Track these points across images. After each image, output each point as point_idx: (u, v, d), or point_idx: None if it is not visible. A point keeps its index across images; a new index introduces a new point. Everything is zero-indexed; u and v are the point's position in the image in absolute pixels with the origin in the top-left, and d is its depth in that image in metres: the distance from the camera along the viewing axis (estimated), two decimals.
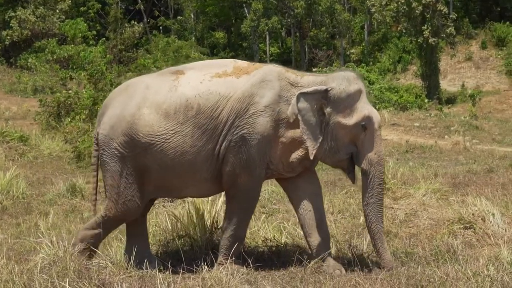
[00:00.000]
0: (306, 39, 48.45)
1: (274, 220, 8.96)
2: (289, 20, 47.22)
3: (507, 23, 49.63)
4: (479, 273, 6.20)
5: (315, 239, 7.13)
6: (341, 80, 6.90)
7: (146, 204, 7.31)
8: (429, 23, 41.92)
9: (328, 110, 6.82)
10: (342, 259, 7.29)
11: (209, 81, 6.85)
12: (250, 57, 48.24)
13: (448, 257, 6.73)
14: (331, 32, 48.73)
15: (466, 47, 48.49)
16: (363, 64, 44.14)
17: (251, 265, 6.82)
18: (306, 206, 7.22)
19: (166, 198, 9.49)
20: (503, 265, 6.40)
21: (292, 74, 7.09)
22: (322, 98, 6.79)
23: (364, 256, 7.35)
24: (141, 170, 6.81)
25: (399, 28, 46.65)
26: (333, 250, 7.49)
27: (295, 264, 6.93)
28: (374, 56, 48.44)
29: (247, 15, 47.26)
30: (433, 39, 41.61)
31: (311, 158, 6.80)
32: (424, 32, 41.60)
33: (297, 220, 7.54)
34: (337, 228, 8.65)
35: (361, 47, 50.31)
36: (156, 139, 6.71)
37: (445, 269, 6.51)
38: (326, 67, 40.57)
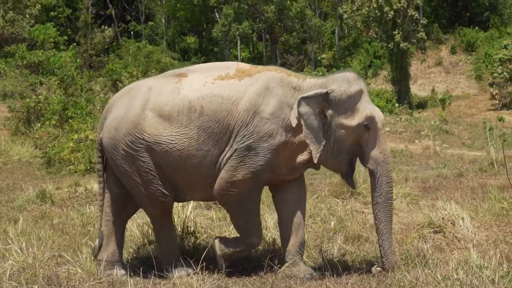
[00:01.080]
0: (277, 44, 48.53)
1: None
2: (260, 25, 47.24)
3: (476, 28, 50.09)
4: (449, 277, 6.25)
5: (289, 243, 7.15)
6: (342, 82, 6.90)
7: (128, 211, 7.35)
8: (400, 28, 42.17)
9: (329, 112, 6.82)
10: (312, 264, 7.30)
11: (211, 84, 6.84)
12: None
13: (418, 261, 6.75)
14: (302, 37, 48.85)
15: (436, 52, 48.87)
16: (334, 69, 44.16)
17: (223, 270, 6.82)
18: (288, 210, 7.24)
19: None
20: (472, 268, 6.43)
21: (294, 78, 7.09)
22: (323, 101, 6.78)
23: (334, 261, 7.35)
24: (154, 167, 6.80)
25: (370, 33, 46.84)
26: (304, 255, 7.49)
27: (266, 269, 6.92)
28: (345, 61, 48.61)
29: (218, 20, 47.25)
30: (404, 44, 41.86)
31: (315, 161, 6.82)
32: (395, 37, 41.84)
33: (277, 221, 7.53)
34: (308, 233, 8.64)
35: (332, 52, 50.46)
36: (162, 140, 6.70)
37: (415, 273, 6.56)
38: (297, 72, 40.59)
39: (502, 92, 39.92)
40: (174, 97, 6.79)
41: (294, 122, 6.69)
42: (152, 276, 6.72)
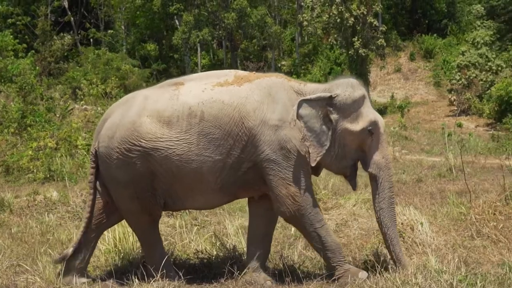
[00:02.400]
0: (237, 51, 48.54)
1: (206, 232, 8.96)
2: (220, 32, 47.21)
3: (435, 35, 50.70)
4: (408, 282, 6.29)
5: (254, 249, 7.16)
6: (346, 87, 6.94)
7: (110, 220, 7.24)
8: (360, 35, 42.46)
9: (334, 116, 6.84)
10: (273, 270, 7.31)
11: (211, 90, 6.81)
12: (181, 69, 48.19)
13: (377, 266, 6.78)
14: (262, 44, 48.92)
15: (395, 59, 49.30)
16: (294, 76, 44.35)
17: (182, 278, 6.81)
18: (260, 217, 7.27)
19: None
20: (430, 273, 6.48)
21: (295, 83, 7.14)
22: (327, 105, 6.82)
23: (295, 267, 7.37)
24: (149, 173, 6.72)
25: (329, 40, 47.05)
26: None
27: (227, 276, 6.91)
28: (305, 68, 48.78)
29: (178, 27, 47.13)
30: (363, 50, 42.16)
31: (313, 164, 6.80)
32: (354, 44, 42.11)
33: (247, 225, 7.51)
34: None
35: (292, 59, 50.62)
36: (160, 145, 6.64)
37: (375, 278, 6.59)
38: None
39: (460, 98, 40.44)
40: (173, 103, 6.74)
41: (292, 124, 6.68)
42: (111, 284, 6.70)
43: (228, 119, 6.65)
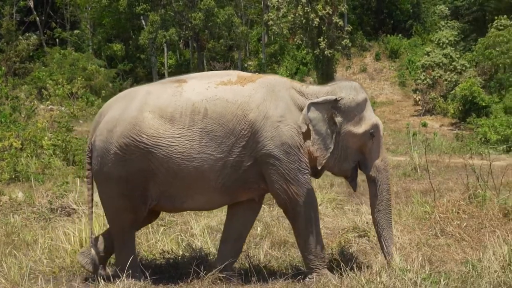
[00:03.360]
0: (204, 51, 48.45)
1: (172, 232, 8.96)
2: (187, 32, 47.09)
3: (400, 35, 50.98)
4: (372, 281, 6.35)
5: (227, 248, 7.21)
6: (349, 90, 7.00)
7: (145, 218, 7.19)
8: (325, 35, 42.60)
9: (339, 119, 6.89)
10: (239, 270, 7.33)
11: (215, 88, 6.79)
12: (148, 69, 48.04)
13: (343, 265, 6.82)
14: (228, 44, 48.87)
15: (361, 59, 49.48)
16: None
17: (148, 278, 6.80)
18: (238, 218, 7.30)
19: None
20: (395, 271, 6.54)
21: (297, 84, 7.19)
22: (332, 107, 6.85)
23: (260, 266, 7.40)
24: (145, 173, 6.65)
25: (295, 40, 47.13)
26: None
27: (193, 276, 6.91)
28: (272, 68, 48.78)
29: (145, 27, 46.93)
30: (329, 51, 42.32)
31: (319, 167, 6.86)
32: (320, 44, 42.24)
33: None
34: None
35: (258, 59, 50.63)
36: (162, 142, 6.58)
37: (340, 277, 6.63)
38: None
39: (425, 98, 40.78)
40: (176, 99, 6.70)
41: (303, 127, 6.71)
42: (77, 285, 6.69)
43: (231, 117, 6.65)
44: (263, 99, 6.77)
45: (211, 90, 6.76)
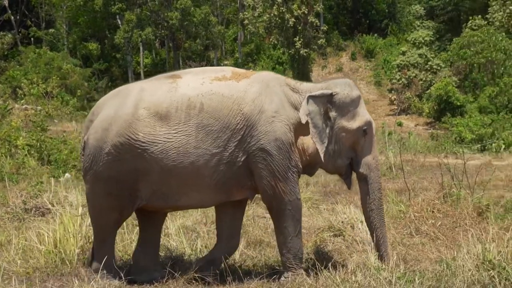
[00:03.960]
0: (180, 50, 48.36)
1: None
2: (163, 31, 46.98)
3: (375, 35, 51.30)
4: (348, 280, 6.36)
5: (221, 244, 7.27)
6: (344, 86, 7.02)
7: (159, 216, 7.25)
8: (301, 35, 42.69)
9: (333, 114, 6.91)
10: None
11: (210, 83, 6.77)
12: (123, 68, 47.87)
13: (318, 265, 6.83)
14: (205, 43, 48.82)
15: (337, 59, 49.72)
16: None
17: (123, 278, 6.77)
18: (227, 214, 7.33)
19: None
20: (370, 270, 6.56)
21: (291, 80, 7.18)
22: (327, 102, 6.87)
23: (236, 266, 7.39)
24: (138, 173, 6.59)
25: (271, 40, 47.21)
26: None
27: (168, 276, 6.88)
28: (248, 67, 48.77)
29: (120, 26, 46.75)
30: (305, 50, 42.41)
31: (323, 160, 6.86)
32: (296, 44, 42.32)
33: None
34: (210, 239, 8.66)
35: (234, 59, 50.63)
36: (158, 139, 6.52)
37: (315, 276, 6.64)
38: None
39: (400, 98, 41.02)
40: (171, 95, 6.66)
41: (304, 119, 6.72)
42: (51, 285, 6.64)
43: (227, 111, 6.63)
44: (259, 93, 6.76)
45: (206, 85, 6.74)
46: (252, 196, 7.10)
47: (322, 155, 6.82)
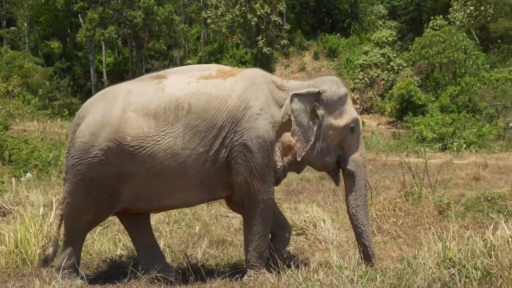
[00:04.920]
0: (143, 49, 48.14)
1: (110, 232, 8.87)
2: (125, 30, 46.74)
3: (338, 35, 51.43)
4: (310, 278, 6.37)
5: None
6: (331, 84, 7.03)
7: (141, 215, 7.18)
8: (264, 34, 42.73)
9: (321, 112, 6.91)
10: (177, 268, 7.29)
11: (196, 83, 6.74)
12: (85, 67, 47.52)
13: (280, 264, 6.84)
14: (168, 42, 48.64)
15: (300, 58, 49.76)
16: None
17: (85, 278, 6.74)
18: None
19: None
20: (332, 269, 6.59)
21: (277, 78, 7.17)
22: (314, 100, 6.86)
23: (198, 265, 7.38)
24: (122, 176, 6.53)
25: (234, 39, 47.20)
26: (168, 260, 7.50)
27: (130, 275, 6.84)
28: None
29: (82, 24, 46.42)
30: (268, 49, 42.45)
31: (298, 159, 6.84)
32: (259, 43, 42.35)
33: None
34: (172, 238, 8.67)
35: (198, 58, 50.51)
36: (146, 142, 6.47)
37: (278, 275, 6.65)
38: None
39: (363, 97, 41.28)
40: (158, 96, 6.62)
41: (285, 118, 6.74)
42: (11, 285, 6.59)
43: (214, 111, 6.62)
44: (245, 89, 6.77)
45: (193, 85, 6.74)
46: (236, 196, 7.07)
47: (301, 154, 6.84)
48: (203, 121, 6.58)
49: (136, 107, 6.57)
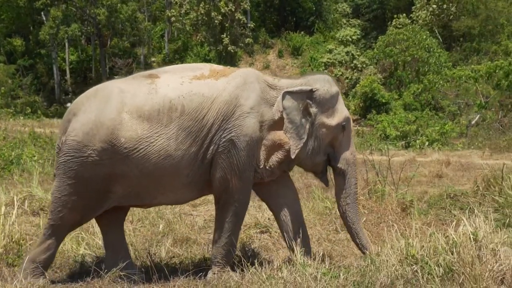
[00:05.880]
0: (106, 47, 47.89)
1: (73, 231, 8.79)
2: (89, 28, 46.48)
3: (302, 33, 51.58)
4: (273, 276, 6.36)
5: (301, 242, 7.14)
6: (323, 82, 7.03)
7: (120, 214, 7.14)
8: (228, 32, 42.74)
9: (313, 110, 6.91)
10: (140, 267, 7.26)
11: (189, 83, 6.70)
12: (48, 65, 47.15)
13: (244, 261, 6.84)
14: (131, 40, 48.45)
15: (264, 56, 49.85)
16: None
17: (47, 277, 6.68)
18: (287, 212, 7.25)
19: None
20: (296, 267, 6.58)
21: (269, 77, 7.14)
22: (307, 98, 6.85)
23: (162, 264, 7.36)
24: (115, 176, 6.48)
25: (198, 37, 47.14)
26: (132, 258, 7.46)
27: (93, 274, 6.80)
28: (175, 64, 48.55)
29: (45, 22, 46.05)
30: (232, 47, 42.46)
31: (292, 157, 6.81)
32: (223, 41, 42.35)
33: (278, 226, 7.42)
34: (136, 237, 8.63)
35: (162, 56, 50.37)
36: (140, 143, 6.43)
37: (241, 273, 6.65)
38: (126, 76, 40.48)
39: None
40: (152, 97, 6.56)
41: (277, 115, 6.72)
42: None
43: (206, 111, 6.60)
44: (236, 87, 6.75)
45: (186, 86, 6.70)
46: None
47: (295, 151, 6.82)
48: (195, 122, 6.57)
49: (130, 108, 6.53)
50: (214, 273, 6.81)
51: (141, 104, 6.54)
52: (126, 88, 6.71)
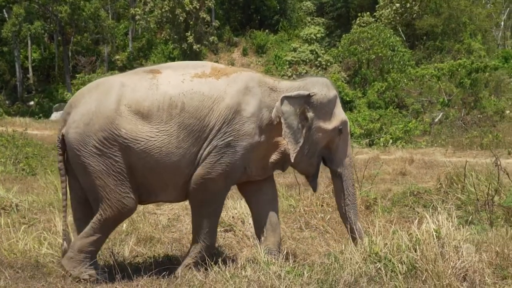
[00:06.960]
0: (70, 45, 47.58)
1: (35, 230, 8.72)
2: (52, 25, 46.15)
3: (267, 31, 51.65)
4: (237, 275, 6.35)
5: (269, 242, 7.16)
6: (321, 86, 7.01)
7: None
8: (193, 30, 42.68)
9: (310, 114, 6.89)
10: (103, 266, 7.20)
11: (190, 81, 6.66)
12: (11, 63, 46.74)
13: (208, 260, 6.81)
14: (95, 38, 48.19)
15: (228, 54, 49.86)
16: (127, 70, 43.92)
17: (8, 278, 6.61)
18: (264, 209, 7.25)
19: None
20: (260, 265, 6.58)
21: (269, 80, 7.09)
22: (304, 102, 6.83)
23: (125, 263, 7.31)
24: (127, 167, 6.47)
25: (163, 35, 47.00)
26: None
27: (55, 274, 6.75)
28: (139, 62, 48.44)
29: (7, 19, 45.64)
30: (197, 45, 42.41)
31: (292, 160, 6.81)
32: (187, 39, 42.27)
33: (253, 222, 7.40)
34: None
35: (126, 53, 50.17)
36: (140, 136, 6.40)
37: (205, 272, 6.63)
38: (90, 74, 40.31)
39: None
40: (152, 93, 6.52)
41: (276, 120, 6.71)
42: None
43: (207, 111, 6.57)
44: (237, 91, 6.72)
45: (187, 83, 6.67)
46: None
47: (293, 155, 6.83)
48: (196, 120, 6.55)
49: (129, 101, 6.50)
50: (185, 266, 6.85)
51: (142, 99, 6.53)
52: (127, 82, 6.70)
